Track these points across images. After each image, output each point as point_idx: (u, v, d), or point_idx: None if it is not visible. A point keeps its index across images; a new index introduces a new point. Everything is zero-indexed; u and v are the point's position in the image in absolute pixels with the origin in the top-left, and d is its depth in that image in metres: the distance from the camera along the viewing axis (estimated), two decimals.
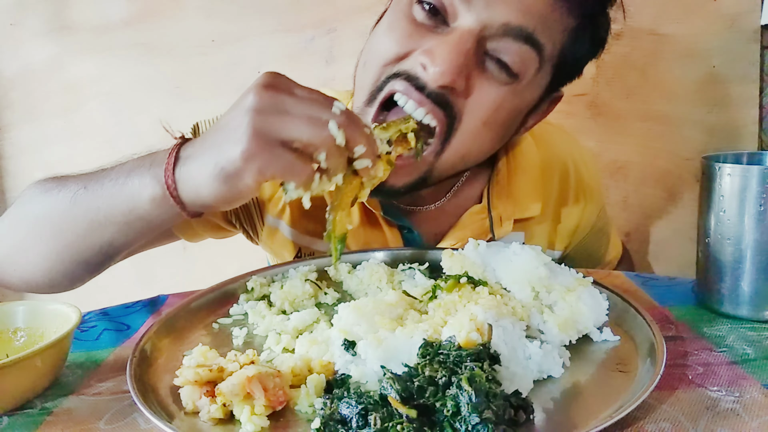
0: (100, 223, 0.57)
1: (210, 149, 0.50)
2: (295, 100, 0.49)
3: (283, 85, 0.50)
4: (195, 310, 0.61)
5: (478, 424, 0.37)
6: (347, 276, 0.68)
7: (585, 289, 0.54)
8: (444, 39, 0.59)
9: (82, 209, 0.58)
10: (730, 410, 0.42)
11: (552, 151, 0.83)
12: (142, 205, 0.54)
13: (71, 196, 0.59)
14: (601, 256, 0.95)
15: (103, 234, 0.58)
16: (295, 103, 0.48)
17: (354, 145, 0.49)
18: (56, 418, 0.46)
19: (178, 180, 0.51)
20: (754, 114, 1.18)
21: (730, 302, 0.58)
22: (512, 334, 0.47)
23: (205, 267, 1.17)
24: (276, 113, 0.48)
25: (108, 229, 0.57)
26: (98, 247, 0.59)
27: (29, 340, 0.54)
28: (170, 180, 0.51)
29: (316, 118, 0.48)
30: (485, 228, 0.76)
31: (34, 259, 0.64)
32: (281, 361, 0.48)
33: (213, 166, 0.49)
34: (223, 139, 0.49)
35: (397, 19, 0.63)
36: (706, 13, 1.15)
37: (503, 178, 0.78)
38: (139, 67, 1.27)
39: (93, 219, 0.57)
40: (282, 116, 0.47)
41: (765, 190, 0.55)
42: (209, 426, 0.42)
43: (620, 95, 1.21)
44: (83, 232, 0.58)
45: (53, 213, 0.61)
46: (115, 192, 0.55)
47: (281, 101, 0.48)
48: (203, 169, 0.50)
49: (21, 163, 1.33)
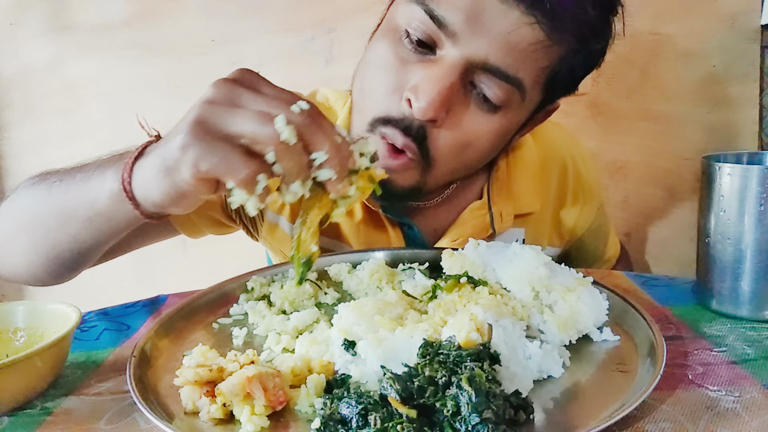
0: (67, 218, 0.56)
1: (161, 142, 0.48)
2: (253, 96, 0.45)
3: (247, 81, 0.46)
4: (195, 310, 0.61)
5: (478, 424, 0.37)
6: (347, 276, 0.68)
7: (585, 289, 0.54)
8: (429, 73, 0.60)
9: (53, 202, 0.57)
10: (730, 410, 0.42)
11: (551, 148, 0.84)
12: (101, 200, 0.52)
13: (47, 189, 0.58)
14: (600, 254, 0.95)
15: (68, 229, 0.57)
16: (252, 99, 0.45)
17: (312, 149, 0.44)
18: (56, 418, 0.46)
19: (134, 176, 0.49)
20: (754, 114, 1.18)
21: (730, 302, 0.58)
22: (512, 334, 0.47)
23: (205, 267, 1.17)
24: (227, 106, 0.44)
25: (73, 224, 0.56)
26: (67, 243, 0.58)
27: (29, 340, 0.54)
28: (126, 174, 0.49)
29: (266, 113, 0.43)
30: (486, 224, 0.77)
31: (16, 252, 0.64)
32: (281, 361, 0.48)
33: (157, 158, 0.47)
34: (172, 132, 0.47)
35: (386, 53, 0.63)
36: (706, 13, 1.15)
37: (503, 175, 0.79)
38: (138, 67, 1.27)
39: (61, 212, 0.56)
40: (231, 109, 0.44)
41: (765, 189, 0.55)
42: (209, 426, 0.42)
43: (620, 95, 1.21)
44: (54, 226, 0.58)
45: (32, 207, 0.61)
46: (82, 186, 0.54)
47: (237, 95, 0.45)
48: (152, 163, 0.47)
49: (21, 162, 1.33)
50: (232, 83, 0.45)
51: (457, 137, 0.63)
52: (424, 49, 0.61)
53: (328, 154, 0.44)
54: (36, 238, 0.61)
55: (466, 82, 0.61)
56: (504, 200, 0.78)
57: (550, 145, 0.84)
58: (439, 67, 0.60)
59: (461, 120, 0.62)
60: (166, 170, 0.46)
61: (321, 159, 0.44)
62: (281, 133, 0.42)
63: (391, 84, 0.62)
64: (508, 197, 0.78)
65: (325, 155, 0.44)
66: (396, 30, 0.63)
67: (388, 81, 0.62)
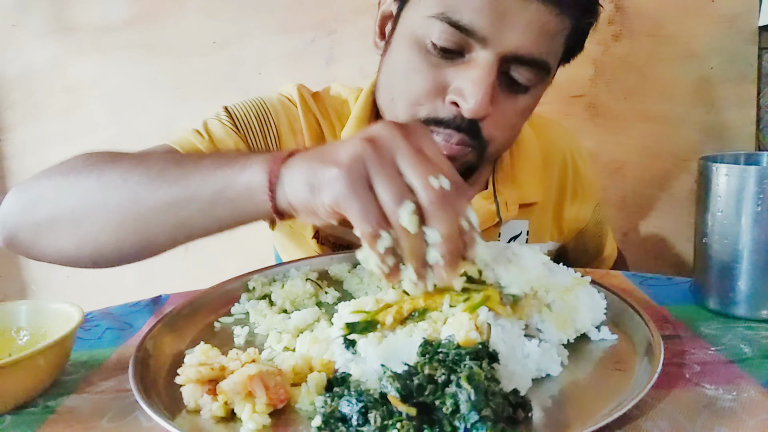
0: (182, 200, 0.54)
1: (317, 154, 0.48)
2: (407, 159, 0.44)
3: (414, 136, 0.46)
4: (197, 309, 0.62)
5: (477, 422, 0.37)
6: (347, 275, 0.69)
7: (583, 289, 0.54)
8: (469, 75, 0.63)
9: (167, 183, 0.55)
10: (727, 409, 0.42)
11: (552, 143, 0.87)
12: (235, 188, 0.52)
13: (158, 169, 0.56)
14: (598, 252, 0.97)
15: (180, 212, 0.55)
16: (405, 161, 0.44)
17: (431, 226, 0.43)
18: (59, 417, 0.46)
19: (281, 174, 0.49)
20: (752, 115, 1.19)
21: (727, 302, 0.59)
22: (511, 333, 0.47)
23: (206, 267, 1.17)
24: (383, 157, 0.44)
25: (188, 207, 0.54)
26: (170, 226, 0.56)
27: (32, 340, 0.55)
28: (276, 170, 0.49)
29: (405, 189, 0.43)
30: (492, 212, 0.80)
31: (88, 230, 0.59)
32: (282, 359, 0.48)
33: (309, 170, 0.47)
34: (330, 150, 0.47)
35: (414, 61, 0.66)
36: (705, 15, 1.16)
37: (507, 166, 0.82)
38: (139, 68, 1.27)
39: (178, 194, 0.54)
40: (384, 166, 0.44)
41: (762, 190, 0.55)
42: (211, 424, 0.43)
43: (618, 96, 1.22)
44: (161, 206, 0.55)
45: (128, 183, 0.57)
46: (212, 172, 0.53)
47: (398, 147, 0.44)
48: (302, 171, 0.48)
49: (23, 163, 1.33)
50: (401, 132, 0.45)
51: (504, 122, 0.68)
52: (452, 54, 0.64)
53: (442, 237, 0.43)
54: (128, 218, 0.57)
55: (500, 73, 0.65)
56: (509, 190, 0.81)
57: (551, 141, 0.87)
58: (476, 68, 0.63)
59: (504, 108, 0.67)
60: (311, 187, 0.46)
61: (433, 239, 0.43)
62: (402, 221, 0.42)
63: (430, 88, 0.65)
64: (512, 187, 0.81)
65: (438, 236, 0.43)
66: (418, 40, 0.65)
67: (424, 86, 0.65)
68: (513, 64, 0.64)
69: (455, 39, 0.62)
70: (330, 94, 0.83)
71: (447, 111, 0.65)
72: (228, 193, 0.52)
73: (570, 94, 1.23)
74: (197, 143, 0.72)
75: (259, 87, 1.25)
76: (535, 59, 0.64)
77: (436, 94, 0.65)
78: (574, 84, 1.22)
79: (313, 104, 0.80)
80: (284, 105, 0.80)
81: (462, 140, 0.67)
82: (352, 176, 0.44)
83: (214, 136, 0.74)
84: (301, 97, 0.80)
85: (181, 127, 0.83)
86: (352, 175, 0.44)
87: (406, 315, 0.49)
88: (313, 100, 0.80)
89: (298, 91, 0.80)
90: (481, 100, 0.62)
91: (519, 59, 0.63)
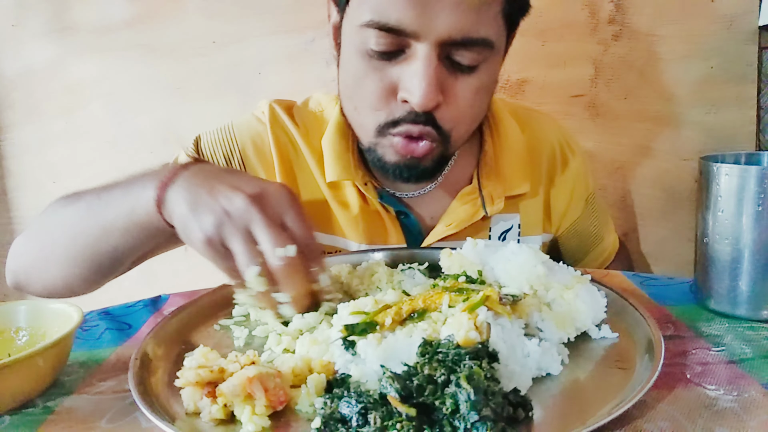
0: (107, 229, 0.63)
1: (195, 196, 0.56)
2: (261, 228, 0.53)
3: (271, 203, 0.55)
4: (197, 311, 0.62)
5: (477, 422, 0.37)
6: (347, 276, 0.68)
7: (583, 287, 0.54)
8: (411, 70, 0.64)
9: (94, 215, 0.63)
10: (728, 409, 0.42)
11: (538, 134, 0.87)
12: (138, 213, 0.60)
13: (86, 205, 0.65)
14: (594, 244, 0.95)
15: (109, 239, 0.63)
16: (258, 229, 0.53)
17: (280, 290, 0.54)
18: (58, 417, 0.46)
19: (166, 194, 0.57)
20: (752, 114, 1.19)
21: (728, 302, 0.59)
22: (511, 332, 0.47)
23: (207, 267, 1.17)
24: (237, 226, 0.53)
25: (113, 234, 0.63)
26: (107, 253, 0.64)
27: (31, 340, 0.55)
28: (161, 193, 0.58)
29: (252, 256, 0.52)
30: (477, 207, 0.80)
31: (54, 266, 0.69)
32: (282, 361, 0.48)
33: (183, 215, 0.55)
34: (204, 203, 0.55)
35: (362, 69, 0.67)
36: (705, 14, 1.15)
37: (491, 159, 0.82)
38: (140, 68, 1.27)
39: (102, 225, 0.63)
40: (236, 234, 0.53)
41: (763, 190, 0.55)
42: (210, 426, 0.42)
43: (618, 96, 1.22)
44: (94, 237, 0.64)
45: (71, 222, 0.66)
46: (120, 199, 0.62)
47: (250, 220, 0.53)
48: (180, 205, 0.56)
49: (23, 163, 1.33)
50: (258, 205, 0.53)
51: (460, 105, 0.68)
52: (393, 54, 0.65)
53: (291, 298, 0.54)
54: (77, 251, 0.66)
55: (443, 59, 0.65)
56: (493, 183, 0.81)
57: (538, 133, 0.87)
58: (416, 62, 0.64)
59: (457, 91, 0.67)
60: (184, 230, 0.56)
61: (282, 299, 0.54)
62: (250, 283, 0.53)
63: (381, 92, 0.67)
64: (497, 180, 0.81)
65: (287, 297, 0.54)
66: (359, 49, 0.66)
67: (376, 91, 0.67)
68: (452, 47, 0.64)
69: (390, 41, 0.64)
70: (308, 107, 0.85)
71: (402, 110, 0.67)
72: (135, 219, 0.61)
73: (570, 94, 1.22)
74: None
75: (259, 87, 1.26)
76: (471, 39, 0.64)
77: (389, 95, 0.67)
78: (574, 84, 1.22)
79: (285, 119, 0.82)
80: (252, 130, 0.82)
81: (422, 132, 0.67)
82: (212, 244, 0.54)
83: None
84: (271, 115, 0.82)
85: (181, 127, 0.82)
86: (212, 244, 0.54)
87: (405, 316, 0.49)
88: (287, 115, 0.82)
89: (270, 109, 0.82)
90: (425, 92, 0.63)
91: (455, 43, 0.63)
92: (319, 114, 0.83)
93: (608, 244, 0.97)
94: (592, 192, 0.93)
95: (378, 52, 0.65)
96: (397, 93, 0.66)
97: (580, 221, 0.91)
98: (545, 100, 1.22)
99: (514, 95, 1.22)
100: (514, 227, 0.84)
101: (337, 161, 0.77)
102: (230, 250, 0.53)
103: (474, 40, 0.64)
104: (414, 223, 0.80)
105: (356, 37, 0.66)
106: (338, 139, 0.78)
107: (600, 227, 0.95)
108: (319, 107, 0.84)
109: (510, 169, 0.82)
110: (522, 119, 0.86)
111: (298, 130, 0.81)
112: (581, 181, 0.89)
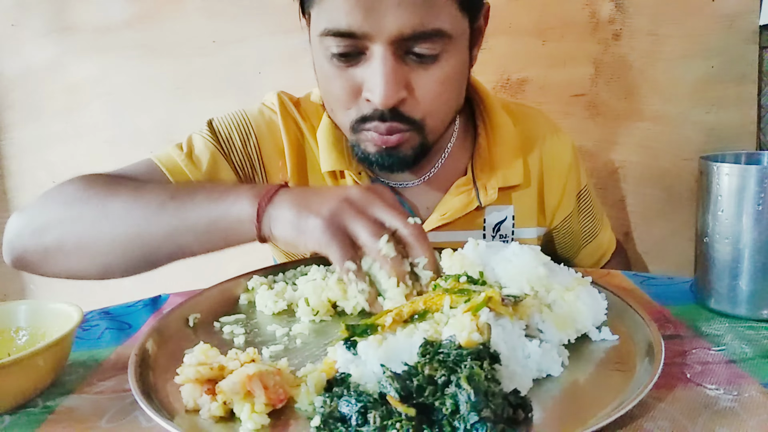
0: (179, 229, 0.63)
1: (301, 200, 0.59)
2: (378, 207, 0.57)
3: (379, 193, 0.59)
4: (196, 309, 0.62)
5: (477, 423, 0.37)
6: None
7: (584, 289, 0.54)
8: (371, 70, 0.67)
9: (166, 214, 0.63)
10: (728, 409, 0.42)
11: (530, 129, 0.88)
12: (227, 219, 0.61)
13: (157, 203, 0.64)
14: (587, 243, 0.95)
15: (179, 239, 0.64)
16: (377, 209, 0.57)
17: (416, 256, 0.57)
18: (58, 417, 0.46)
19: (268, 210, 0.60)
20: (753, 114, 1.19)
21: (728, 301, 0.59)
22: (512, 333, 0.47)
23: (206, 266, 1.17)
24: (356, 210, 0.56)
25: (185, 235, 0.63)
26: (167, 248, 0.65)
27: (31, 340, 0.55)
28: (263, 205, 0.60)
29: (380, 227, 0.56)
30: (471, 198, 0.82)
31: (91, 252, 0.66)
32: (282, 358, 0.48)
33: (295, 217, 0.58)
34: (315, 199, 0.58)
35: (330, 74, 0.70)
36: (705, 14, 1.15)
37: (484, 152, 0.84)
38: (140, 68, 1.27)
39: (175, 225, 0.63)
40: (358, 215, 0.56)
41: (763, 189, 0.55)
42: (210, 423, 0.42)
43: (619, 95, 1.22)
44: (163, 234, 0.64)
45: (120, 213, 0.65)
46: (205, 206, 0.63)
47: (369, 202, 0.57)
48: (288, 211, 0.58)
49: (23, 163, 1.33)
50: (368, 192, 0.58)
51: (428, 96, 0.69)
52: (353, 56, 0.67)
53: (427, 259, 0.56)
54: (130, 241, 0.65)
55: (401, 55, 0.66)
56: (487, 175, 0.83)
57: (530, 128, 0.89)
58: (374, 61, 0.66)
59: (422, 83, 0.68)
60: (297, 229, 0.57)
61: (423, 263, 0.56)
62: (381, 248, 0.54)
63: (347, 93, 0.70)
64: (491, 172, 0.83)
65: (425, 261, 0.56)
66: (325, 55, 0.69)
67: (343, 93, 0.70)
68: (409, 42, 0.65)
69: (347, 45, 0.66)
70: (310, 99, 0.87)
71: (368, 108, 0.70)
72: (220, 224, 0.62)
73: (570, 94, 1.22)
74: (176, 157, 0.78)
75: (259, 87, 1.26)
76: (422, 32, 0.64)
77: (355, 96, 0.70)
78: (574, 84, 1.22)
79: (293, 109, 0.85)
80: (265, 116, 0.84)
81: (392, 128, 0.69)
82: (331, 228, 0.55)
83: (193, 150, 0.79)
84: (281, 104, 0.85)
85: (181, 127, 0.82)
86: (331, 227, 0.55)
87: (407, 318, 0.49)
88: (294, 106, 0.85)
89: (279, 99, 0.85)
90: (384, 90, 0.65)
91: (409, 37, 0.64)
92: (316, 109, 0.85)
93: (603, 241, 0.97)
94: (585, 187, 0.93)
95: (339, 56, 0.68)
96: (361, 92, 0.69)
97: (573, 216, 0.92)
98: (545, 99, 1.22)
99: (515, 95, 1.22)
100: (508, 218, 0.86)
101: (331, 151, 0.80)
102: (350, 232, 0.55)
103: (426, 33, 0.65)
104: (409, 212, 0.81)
105: (320, 45, 0.69)
106: (332, 130, 0.81)
107: (594, 224, 0.95)
108: (320, 100, 0.85)
109: (503, 162, 0.84)
110: (514, 114, 0.88)
111: (303, 120, 0.84)
112: (573, 175, 0.90)
